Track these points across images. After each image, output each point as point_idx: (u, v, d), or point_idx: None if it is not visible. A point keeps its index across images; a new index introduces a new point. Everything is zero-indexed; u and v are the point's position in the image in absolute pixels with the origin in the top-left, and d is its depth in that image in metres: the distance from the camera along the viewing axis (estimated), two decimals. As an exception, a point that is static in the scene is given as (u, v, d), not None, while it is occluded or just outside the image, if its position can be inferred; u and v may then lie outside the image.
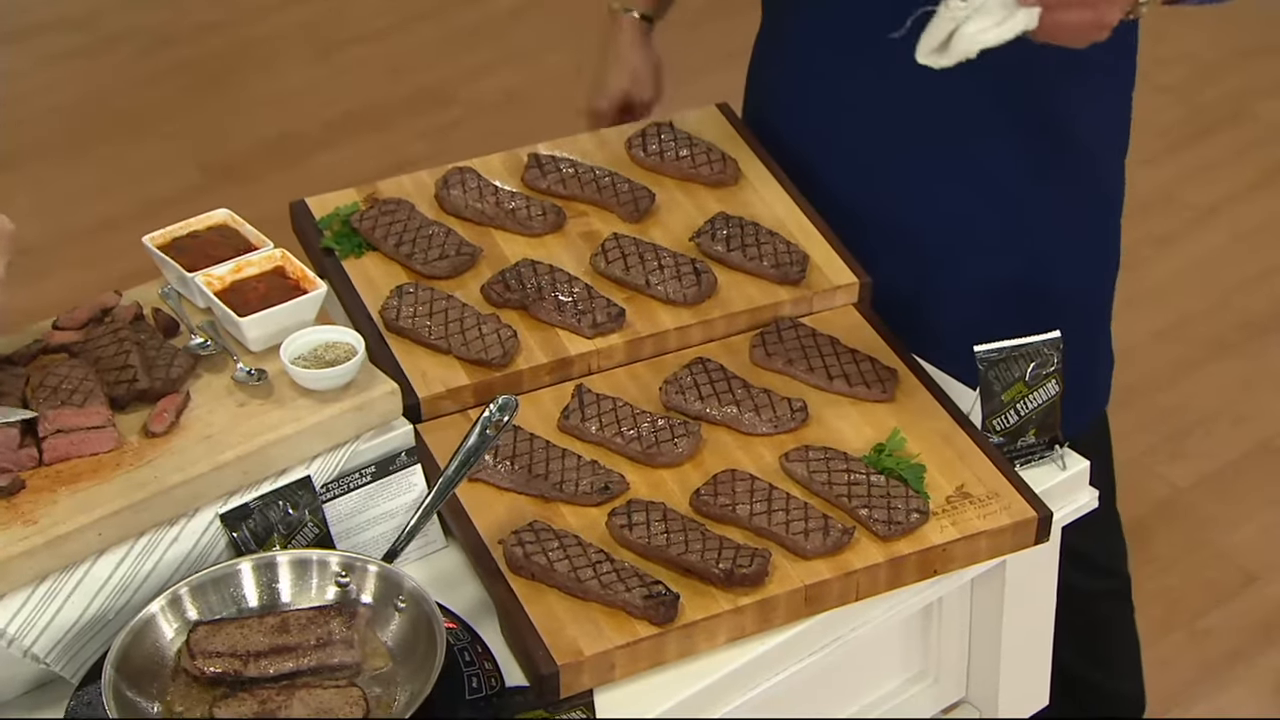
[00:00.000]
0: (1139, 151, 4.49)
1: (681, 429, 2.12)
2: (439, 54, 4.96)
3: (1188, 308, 4.09)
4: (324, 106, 4.73)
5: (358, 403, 2.02)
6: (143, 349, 2.04)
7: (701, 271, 2.27)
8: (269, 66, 4.97)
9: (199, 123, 4.72)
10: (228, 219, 2.20)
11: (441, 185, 2.39)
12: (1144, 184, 4.43)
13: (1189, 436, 3.76)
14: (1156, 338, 3.97)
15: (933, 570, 2.04)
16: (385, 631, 1.88)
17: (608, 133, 2.51)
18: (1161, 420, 3.79)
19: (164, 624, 1.84)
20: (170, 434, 1.96)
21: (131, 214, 4.09)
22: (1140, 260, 4.17)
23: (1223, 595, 3.42)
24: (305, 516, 1.97)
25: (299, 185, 4.04)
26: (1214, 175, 4.49)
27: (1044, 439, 2.17)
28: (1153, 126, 4.63)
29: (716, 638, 1.96)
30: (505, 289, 2.25)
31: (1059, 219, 2.41)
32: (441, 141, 4.53)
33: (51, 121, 4.72)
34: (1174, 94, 4.74)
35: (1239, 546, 3.50)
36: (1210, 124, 4.68)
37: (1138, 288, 4.11)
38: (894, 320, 2.32)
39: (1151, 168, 4.45)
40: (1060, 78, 2.30)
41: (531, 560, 1.96)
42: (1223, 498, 3.61)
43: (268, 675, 1.81)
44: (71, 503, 1.88)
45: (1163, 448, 3.72)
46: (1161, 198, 4.39)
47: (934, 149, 2.35)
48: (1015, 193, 2.37)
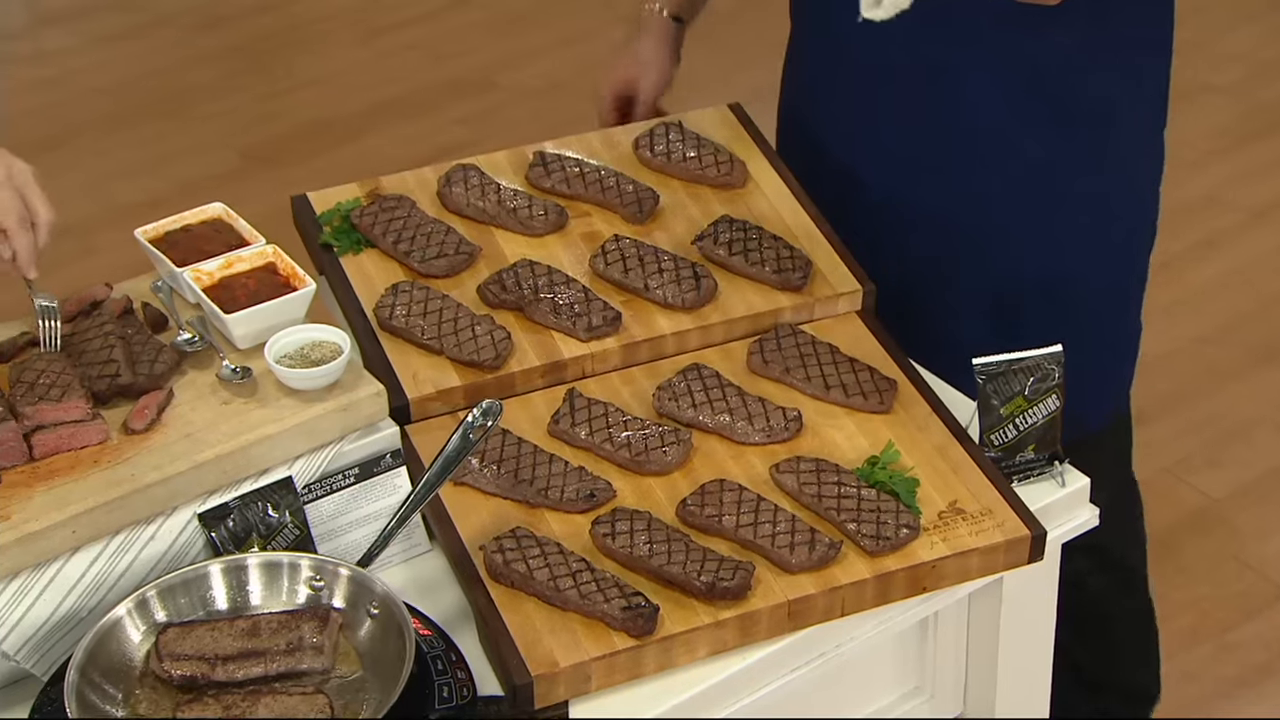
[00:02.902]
0: (1188, 153, 4.44)
1: (672, 436, 2.09)
2: (484, 40, 4.95)
3: (1232, 313, 4.01)
4: (366, 91, 4.72)
5: (343, 403, 2.00)
6: (128, 344, 2.02)
7: (701, 276, 2.23)
8: (315, 49, 4.96)
9: (242, 104, 4.72)
10: (222, 213, 2.19)
11: (444, 182, 2.36)
12: (1192, 186, 4.36)
13: (1228, 445, 3.69)
14: (1198, 343, 3.91)
15: (922, 587, 2.00)
16: (357, 637, 1.86)
17: (615, 132, 2.47)
18: (1200, 428, 3.72)
19: (131, 626, 1.83)
20: (151, 431, 1.95)
21: (171, 195, 4.10)
22: (1185, 264, 4.10)
23: (1253, 608, 3.35)
24: (286, 517, 1.95)
25: (335, 171, 4.05)
26: (1265, 178, 4.41)
27: (1043, 454, 2.13)
28: (1205, 127, 4.56)
29: (696, 651, 1.93)
30: (502, 289, 2.22)
31: (1094, 206, 2.37)
32: (481, 128, 4.51)
33: (97, 101, 4.74)
34: (1229, 94, 4.66)
35: (1273, 559, 3.44)
36: (1266, 125, 4.59)
37: (1181, 292, 4.04)
38: (918, 313, 2.29)
39: (1200, 170, 4.38)
40: (1096, 61, 2.26)
41: (511, 568, 1.94)
42: (1258, 508, 3.55)
43: (236, 679, 1.79)
44: (46, 499, 1.87)
45: (1200, 455, 3.66)
46: (1209, 200, 4.32)
47: (973, 139, 2.33)
48: (1053, 180, 2.34)
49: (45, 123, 4.65)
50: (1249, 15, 5.03)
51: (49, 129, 4.61)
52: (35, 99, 4.76)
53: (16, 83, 4.86)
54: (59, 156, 4.48)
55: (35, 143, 4.52)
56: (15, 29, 5.12)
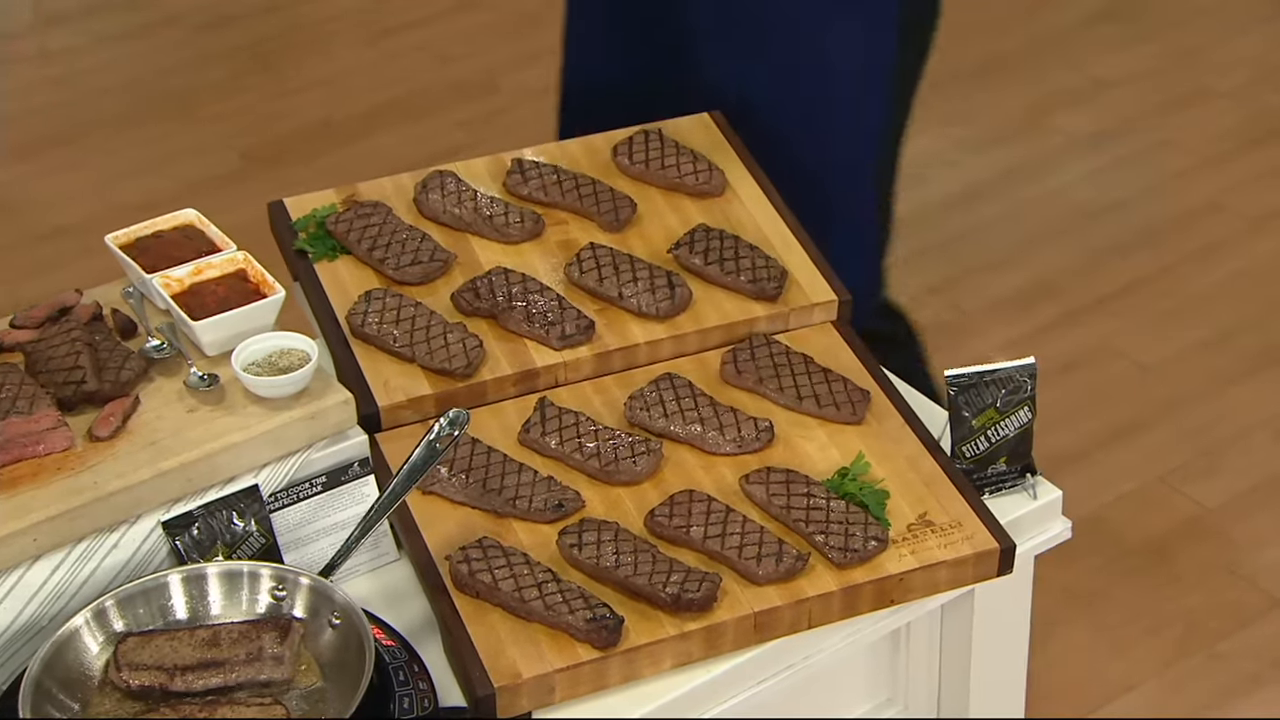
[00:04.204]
0: (1189, 158, 4.42)
1: (642, 446, 2.08)
2: (489, 42, 4.94)
3: (1232, 319, 3.98)
4: (369, 92, 4.72)
5: (310, 411, 2.00)
6: (94, 350, 2.02)
7: (676, 285, 2.23)
8: (320, 50, 4.96)
9: (248, 104, 4.72)
10: (194, 219, 2.19)
11: (420, 189, 2.36)
12: (1192, 192, 4.34)
13: (1224, 452, 3.67)
14: (1197, 349, 3.88)
15: (889, 600, 1.99)
16: (318, 647, 1.86)
17: (595, 139, 2.47)
18: (1196, 435, 3.70)
19: (89, 636, 1.83)
20: (115, 438, 1.95)
21: (174, 195, 4.09)
22: (1185, 270, 4.08)
23: (1245, 619, 3.33)
24: (252, 526, 1.95)
25: (335, 173, 4.05)
26: (1268, 184, 4.38)
27: (1015, 467, 2.12)
28: (1207, 132, 4.53)
29: (661, 663, 1.93)
30: (475, 297, 2.22)
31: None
32: (482, 131, 4.50)
33: (103, 101, 4.74)
34: (1233, 99, 4.63)
35: (1266, 569, 3.41)
36: (1269, 131, 4.56)
37: (1180, 298, 4.02)
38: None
39: (1201, 175, 4.35)
40: None
41: (476, 578, 1.93)
42: (1253, 518, 3.52)
43: (195, 690, 1.79)
44: (7, 508, 1.87)
45: (1195, 464, 3.63)
46: (1210, 206, 4.29)
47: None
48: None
49: (51, 121, 4.65)
50: (1260, 18, 5.00)
51: (55, 128, 4.62)
52: (41, 98, 4.77)
53: (22, 81, 4.87)
54: (64, 155, 4.49)
55: (41, 141, 4.53)
56: (20, 28, 5.12)
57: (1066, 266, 4.16)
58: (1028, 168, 4.51)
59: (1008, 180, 4.47)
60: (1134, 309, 4.02)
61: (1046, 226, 4.30)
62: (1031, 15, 5.11)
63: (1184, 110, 4.62)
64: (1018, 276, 4.15)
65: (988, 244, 4.26)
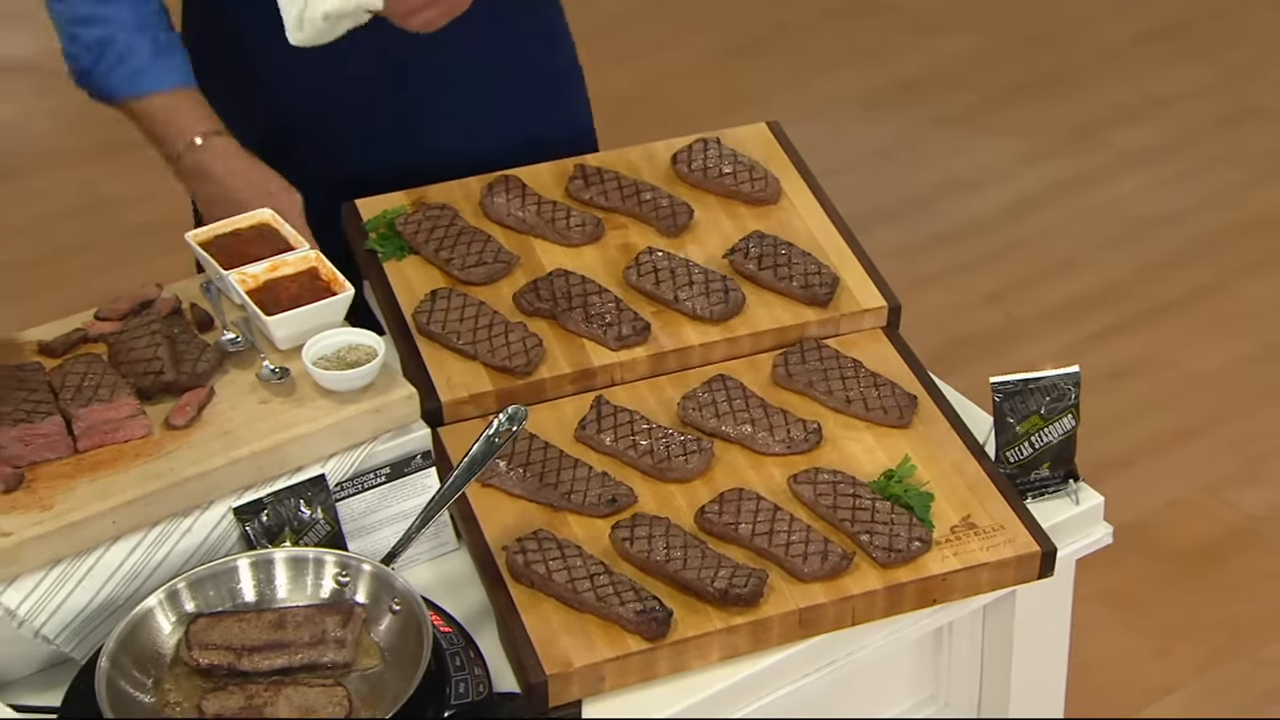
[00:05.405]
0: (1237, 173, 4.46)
1: (694, 445, 2.15)
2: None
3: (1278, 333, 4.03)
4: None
5: (375, 405, 2.08)
6: (173, 343, 2.11)
7: (730, 289, 2.29)
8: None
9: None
10: (269, 219, 2.26)
11: (486, 192, 2.44)
12: (1244, 207, 4.38)
13: (1270, 462, 3.71)
14: (1245, 361, 3.93)
15: (932, 599, 2.05)
16: (379, 631, 1.93)
17: (655, 147, 2.54)
18: (1242, 445, 3.75)
19: (161, 616, 1.91)
20: (191, 427, 2.03)
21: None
22: (1231, 283, 4.12)
23: (1289, 626, 3.38)
24: (318, 514, 2.03)
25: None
26: (1318, 200, 4.43)
27: (1058, 473, 2.17)
28: (1258, 149, 4.57)
29: (708, 655, 1.99)
30: (536, 298, 2.29)
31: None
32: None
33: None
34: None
35: (1311, 578, 3.47)
36: (1319, 147, 4.61)
37: (1227, 311, 4.06)
38: None
39: (1252, 190, 4.39)
40: None
41: (531, 569, 2.01)
42: (1299, 527, 3.57)
43: (260, 670, 1.87)
44: (89, 490, 1.95)
45: (1241, 472, 3.68)
46: (1257, 221, 4.33)
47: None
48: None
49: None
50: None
51: (137, 130, 4.71)
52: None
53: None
54: (146, 155, 4.57)
55: (124, 142, 4.61)
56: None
57: (1118, 277, 4.21)
58: (1081, 180, 4.56)
59: (1061, 192, 4.52)
60: (1184, 320, 4.07)
61: (1099, 238, 4.35)
62: (1087, 32, 5.15)
63: (1236, 126, 4.66)
64: (1070, 286, 4.20)
65: (1040, 253, 4.32)
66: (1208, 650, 3.17)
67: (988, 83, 4.96)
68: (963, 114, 4.90)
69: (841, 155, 4.60)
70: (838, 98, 4.97)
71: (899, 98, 5.03)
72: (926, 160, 4.76)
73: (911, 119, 4.93)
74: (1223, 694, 3.24)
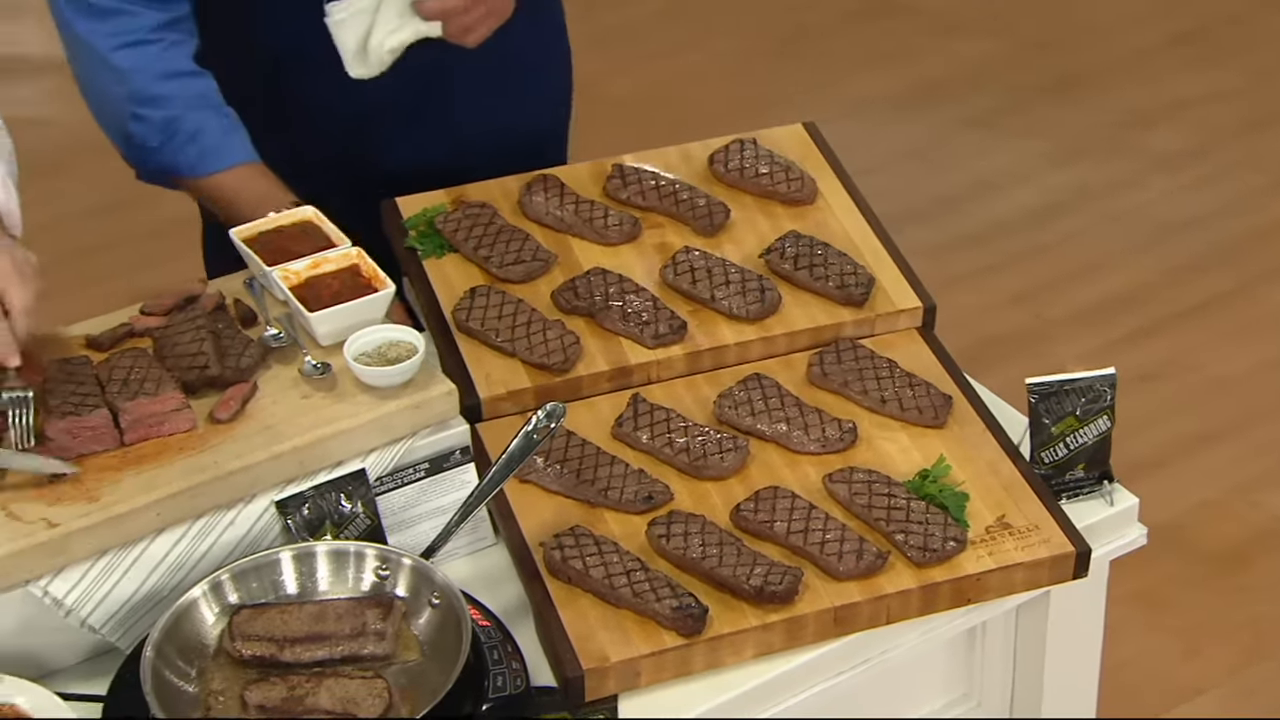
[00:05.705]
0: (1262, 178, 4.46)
1: (730, 443, 2.17)
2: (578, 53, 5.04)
3: (1305, 338, 4.04)
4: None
5: (415, 401, 2.10)
6: (217, 338, 2.13)
7: (767, 289, 2.31)
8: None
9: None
10: (312, 216, 2.29)
11: (524, 191, 2.46)
12: (1269, 211, 4.38)
13: (1295, 465, 3.73)
14: (1266, 366, 3.93)
15: (966, 599, 2.07)
16: (418, 625, 1.95)
17: (692, 147, 2.56)
18: (1271, 447, 3.76)
19: (205, 607, 1.94)
20: (234, 422, 2.05)
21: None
22: (1259, 287, 4.13)
23: (1315, 629, 3.39)
24: (358, 508, 2.05)
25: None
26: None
27: (1093, 474, 2.19)
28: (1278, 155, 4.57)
29: (743, 652, 2.01)
30: (574, 296, 2.31)
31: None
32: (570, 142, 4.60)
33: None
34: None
35: (1338, 581, 3.48)
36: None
37: (1254, 315, 4.07)
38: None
39: (1273, 196, 4.39)
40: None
41: (569, 564, 2.03)
42: (1327, 530, 3.58)
43: (302, 661, 1.89)
44: (135, 483, 1.98)
45: (1269, 475, 3.69)
46: (1279, 228, 4.34)
47: None
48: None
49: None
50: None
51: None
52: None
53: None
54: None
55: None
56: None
57: (1145, 280, 4.22)
58: (1107, 183, 4.57)
59: (1087, 195, 4.54)
60: (1211, 323, 4.08)
61: (1126, 241, 4.36)
62: (1112, 36, 5.17)
63: (1261, 131, 4.67)
64: (1096, 288, 4.21)
65: (1068, 256, 4.33)
66: (1238, 651, 3.18)
67: (1008, 85, 4.98)
68: (987, 116, 4.91)
69: (873, 156, 4.62)
70: (863, 99, 4.99)
71: (924, 99, 5.04)
72: (955, 161, 4.77)
73: (938, 120, 4.95)
74: (1253, 694, 3.25)
